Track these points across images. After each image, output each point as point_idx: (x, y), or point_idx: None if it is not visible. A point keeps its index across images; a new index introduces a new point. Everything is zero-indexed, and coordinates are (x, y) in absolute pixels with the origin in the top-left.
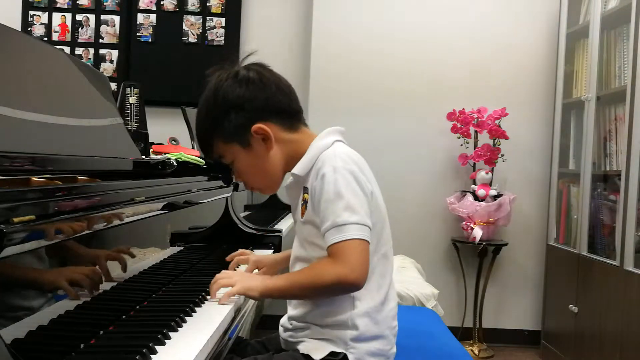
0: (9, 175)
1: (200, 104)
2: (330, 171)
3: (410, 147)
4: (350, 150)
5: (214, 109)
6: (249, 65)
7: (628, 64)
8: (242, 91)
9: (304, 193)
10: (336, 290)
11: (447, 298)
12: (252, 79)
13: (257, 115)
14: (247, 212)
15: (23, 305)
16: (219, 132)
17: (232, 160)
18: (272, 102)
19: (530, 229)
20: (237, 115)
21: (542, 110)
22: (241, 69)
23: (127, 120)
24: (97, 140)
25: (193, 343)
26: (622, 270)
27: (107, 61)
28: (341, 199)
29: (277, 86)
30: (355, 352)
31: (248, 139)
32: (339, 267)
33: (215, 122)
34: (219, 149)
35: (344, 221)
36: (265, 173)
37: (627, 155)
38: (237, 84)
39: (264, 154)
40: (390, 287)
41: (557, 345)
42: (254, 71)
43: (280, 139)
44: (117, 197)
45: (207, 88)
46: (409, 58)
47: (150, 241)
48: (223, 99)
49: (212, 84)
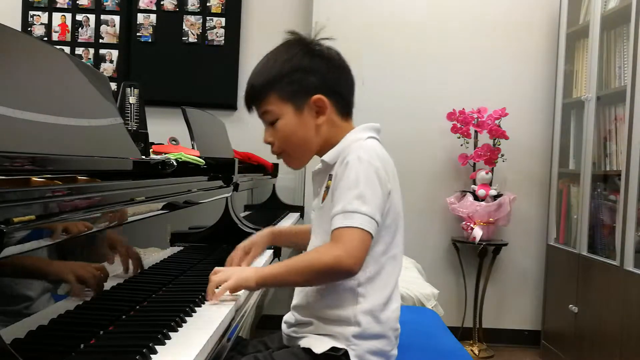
0: (9, 175)
1: (267, 57)
2: (355, 160)
3: (410, 147)
4: (381, 148)
5: (285, 64)
6: (331, 47)
7: (628, 64)
8: (320, 63)
9: (328, 180)
10: (332, 273)
11: (447, 298)
12: (332, 56)
13: (322, 87)
14: (247, 212)
15: (23, 305)
16: (280, 86)
17: (277, 118)
18: (339, 84)
19: (530, 229)
20: (305, 78)
21: (542, 110)
22: (323, 45)
23: (127, 120)
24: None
25: (193, 343)
26: (622, 270)
27: (107, 61)
28: (357, 187)
29: (347, 75)
30: (356, 349)
31: (304, 105)
32: (337, 250)
33: (281, 77)
34: (270, 102)
35: (354, 209)
36: (303, 144)
37: (627, 155)
38: (316, 55)
39: (311, 125)
40: (395, 289)
41: (557, 345)
42: (335, 52)
43: (330, 119)
44: (117, 197)
45: (279, 47)
46: (409, 58)
47: (150, 241)
48: (299, 60)
49: (289, 44)
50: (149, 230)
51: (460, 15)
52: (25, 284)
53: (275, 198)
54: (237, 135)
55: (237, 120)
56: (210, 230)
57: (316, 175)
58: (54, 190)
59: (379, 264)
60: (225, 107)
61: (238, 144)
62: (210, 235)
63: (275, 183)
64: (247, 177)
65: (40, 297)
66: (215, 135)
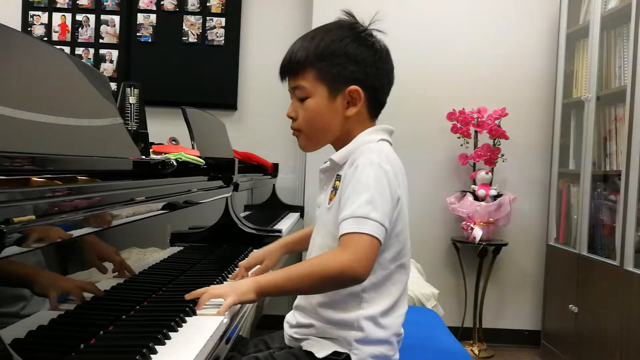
0: (9, 175)
1: (315, 33)
2: (366, 163)
3: (410, 147)
4: (392, 152)
5: (331, 46)
6: (381, 40)
7: (628, 64)
8: (369, 54)
9: (335, 180)
10: (339, 280)
11: (447, 298)
12: (382, 50)
13: (363, 80)
14: (247, 212)
15: (23, 305)
16: (321, 66)
17: (307, 96)
18: (379, 80)
19: (530, 229)
20: (348, 66)
21: (542, 110)
22: (375, 37)
23: (127, 120)
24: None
25: (193, 343)
26: (622, 270)
27: (107, 61)
28: (367, 192)
29: (390, 74)
30: (358, 354)
31: (338, 91)
32: (346, 255)
33: (325, 57)
34: (306, 79)
35: (364, 214)
36: (325, 129)
37: (627, 155)
38: (367, 45)
39: (339, 113)
40: (402, 295)
41: (557, 345)
42: (384, 47)
43: (359, 113)
44: (117, 197)
45: (331, 26)
46: (409, 58)
47: (150, 241)
48: (347, 46)
49: (340, 27)
50: (149, 230)
51: (460, 14)
52: (25, 284)
53: (275, 198)
54: (237, 135)
55: (237, 120)
56: (210, 230)
57: (323, 172)
58: (54, 190)
59: (387, 271)
60: (225, 107)
61: (238, 144)
62: (210, 235)
63: (275, 183)
64: (247, 177)
65: (41, 297)
66: (215, 135)
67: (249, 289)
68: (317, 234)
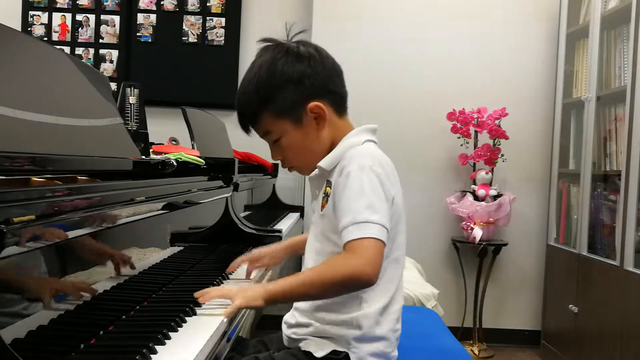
0: (9, 175)
1: (249, 78)
2: (356, 169)
3: (411, 147)
4: (380, 152)
5: (269, 82)
6: (305, 42)
7: (628, 64)
8: (303, 67)
9: (326, 186)
10: (349, 285)
11: (447, 298)
12: (313, 55)
13: (314, 92)
14: (247, 212)
15: (23, 305)
16: (271, 106)
17: (279, 136)
18: (330, 81)
19: (530, 229)
20: (294, 90)
21: (542, 110)
22: (299, 45)
23: (127, 120)
24: (97, 140)
25: (193, 343)
26: (622, 270)
27: (107, 61)
28: (364, 197)
29: (333, 66)
30: (357, 352)
31: (301, 116)
32: (355, 260)
33: (269, 95)
34: (267, 124)
35: (365, 219)
36: (310, 153)
37: (627, 155)
38: (296, 59)
39: (314, 133)
40: (397, 290)
41: (557, 345)
42: (313, 48)
43: (330, 122)
44: (117, 197)
45: (258, 63)
46: (409, 58)
47: (150, 241)
48: (281, 73)
49: (266, 57)
50: (149, 230)
51: (461, 14)
52: (25, 284)
53: (275, 198)
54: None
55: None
56: (210, 230)
57: (313, 180)
58: (54, 190)
59: (383, 268)
60: (225, 107)
61: (238, 144)
62: (210, 235)
63: (275, 183)
64: (247, 177)
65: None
66: (215, 135)
67: (257, 295)
68: (313, 240)
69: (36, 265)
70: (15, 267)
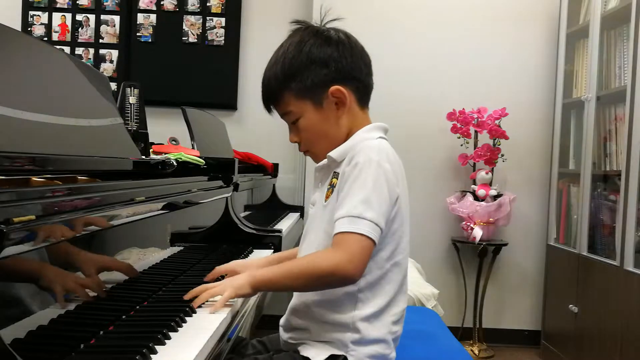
0: (9, 175)
1: (276, 56)
2: (365, 161)
3: (410, 147)
4: (391, 150)
5: (294, 61)
6: (337, 29)
7: (628, 64)
8: (330, 50)
9: (332, 177)
10: (330, 279)
11: (447, 298)
12: (342, 40)
13: (339, 77)
14: (247, 212)
15: (23, 305)
16: (294, 85)
17: (298, 117)
18: (356, 68)
19: (530, 229)
20: (319, 71)
21: (542, 110)
22: (330, 30)
23: (127, 120)
24: (97, 140)
25: (193, 343)
26: (622, 270)
27: (107, 61)
28: (363, 191)
29: (362, 55)
30: (355, 355)
31: (322, 98)
32: (339, 255)
33: (293, 74)
34: (288, 103)
35: (359, 214)
36: (326, 138)
37: (627, 155)
38: (325, 42)
39: (333, 118)
40: (398, 292)
41: (557, 345)
42: (343, 34)
43: (350, 110)
44: (117, 197)
45: (287, 42)
46: (409, 58)
47: (150, 241)
48: (308, 53)
49: (296, 38)
50: (149, 230)
51: (461, 14)
52: (25, 284)
53: (275, 198)
54: (237, 135)
55: (237, 120)
56: (210, 230)
57: (319, 170)
58: (54, 190)
59: (382, 270)
60: (225, 107)
61: (238, 144)
62: (210, 235)
63: (275, 183)
64: (247, 177)
65: (41, 297)
66: (215, 135)
67: (244, 282)
68: (310, 233)
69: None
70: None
